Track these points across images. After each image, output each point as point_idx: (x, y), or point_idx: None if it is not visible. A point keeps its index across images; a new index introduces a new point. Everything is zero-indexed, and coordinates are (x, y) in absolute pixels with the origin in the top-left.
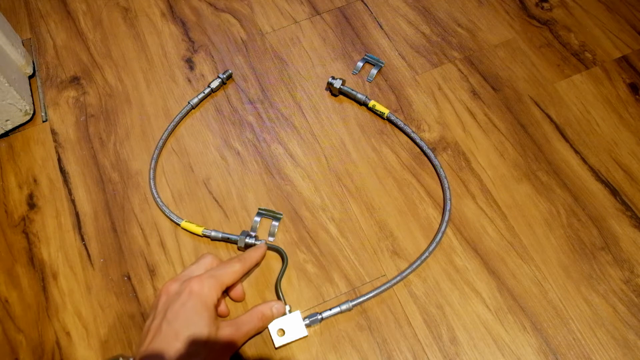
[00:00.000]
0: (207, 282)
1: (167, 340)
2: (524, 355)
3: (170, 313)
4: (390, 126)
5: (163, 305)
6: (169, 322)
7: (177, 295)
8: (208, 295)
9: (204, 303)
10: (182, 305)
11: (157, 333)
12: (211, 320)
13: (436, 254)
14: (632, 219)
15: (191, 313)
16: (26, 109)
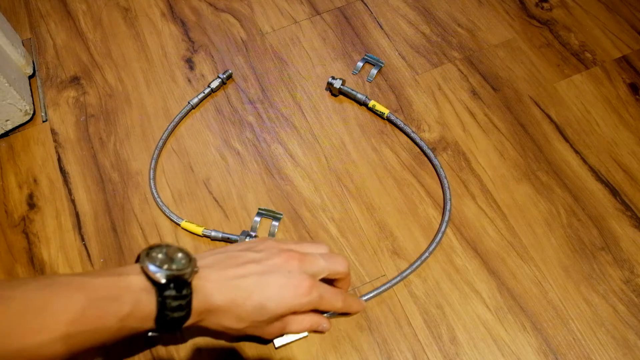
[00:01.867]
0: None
1: (242, 289)
2: (524, 355)
3: (269, 279)
4: (390, 126)
5: (273, 266)
6: (258, 282)
7: (289, 274)
8: (304, 305)
9: (291, 307)
10: (281, 286)
11: (242, 276)
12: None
13: (436, 254)
14: (632, 219)
15: (274, 300)
16: (26, 109)
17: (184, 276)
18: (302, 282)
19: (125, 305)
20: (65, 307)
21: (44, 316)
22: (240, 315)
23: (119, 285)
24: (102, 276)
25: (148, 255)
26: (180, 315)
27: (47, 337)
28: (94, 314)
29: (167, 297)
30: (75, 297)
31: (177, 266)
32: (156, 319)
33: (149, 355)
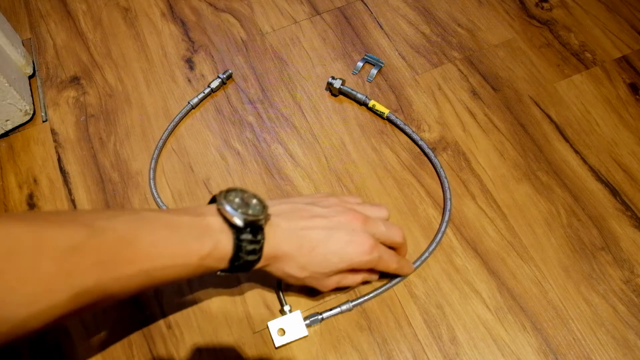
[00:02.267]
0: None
1: (308, 240)
2: (524, 355)
3: (334, 235)
4: (390, 126)
5: (339, 223)
6: (324, 235)
7: (352, 233)
8: (359, 263)
9: (353, 263)
10: (346, 243)
11: (309, 228)
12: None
13: (436, 254)
14: (632, 219)
15: (338, 255)
16: (26, 109)
17: (259, 222)
18: (366, 241)
19: (207, 244)
20: (152, 242)
21: (135, 249)
22: (304, 265)
23: (200, 225)
24: (184, 215)
25: (226, 198)
26: (253, 258)
27: (136, 268)
28: (179, 251)
29: (243, 240)
30: (162, 233)
31: (253, 211)
32: (231, 260)
33: (149, 355)
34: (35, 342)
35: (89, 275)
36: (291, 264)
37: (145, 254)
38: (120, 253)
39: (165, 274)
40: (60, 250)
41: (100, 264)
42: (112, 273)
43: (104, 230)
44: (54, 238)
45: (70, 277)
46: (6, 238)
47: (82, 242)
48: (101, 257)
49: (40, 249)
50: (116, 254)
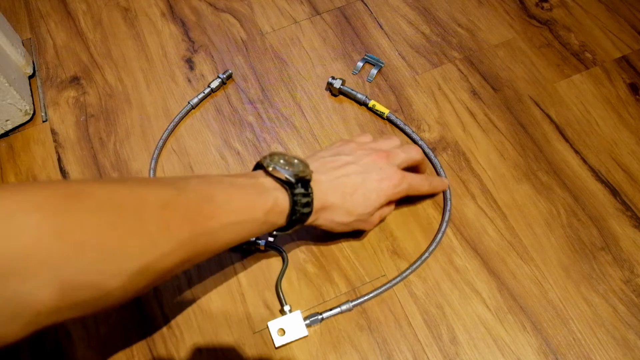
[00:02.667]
0: (404, 187)
1: (346, 186)
2: (524, 355)
3: (366, 176)
4: (390, 126)
5: (366, 164)
6: (358, 179)
7: (381, 170)
8: (395, 194)
9: (389, 196)
10: (379, 180)
11: (344, 176)
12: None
13: (436, 254)
14: (632, 219)
15: (375, 192)
16: (26, 109)
17: (307, 177)
18: (395, 175)
19: (268, 200)
20: (225, 200)
21: (213, 205)
22: (349, 209)
23: (257, 185)
24: (242, 177)
25: (273, 161)
26: (307, 210)
27: (217, 223)
28: (247, 206)
29: (297, 194)
30: (230, 192)
31: (299, 169)
32: (289, 214)
33: (149, 355)
34: (35, 342)
35: (183, 228)
36: (338, 211)
37: (222, 209)
38: (203, 209)
39: (240, 229)
40: (157, 207)
41: (190, 218)
42: (200, 227)
43: (185, 190)
44: (150, 196)
45: (168, 230)
46: (114, 196)
47: (172, 200)
48: (189, 212)
49: (142, 206)
50: (200, 210)
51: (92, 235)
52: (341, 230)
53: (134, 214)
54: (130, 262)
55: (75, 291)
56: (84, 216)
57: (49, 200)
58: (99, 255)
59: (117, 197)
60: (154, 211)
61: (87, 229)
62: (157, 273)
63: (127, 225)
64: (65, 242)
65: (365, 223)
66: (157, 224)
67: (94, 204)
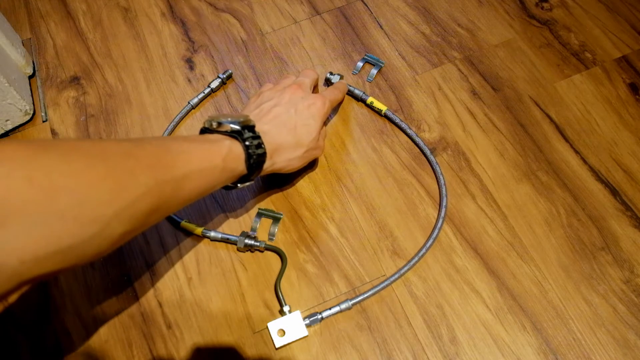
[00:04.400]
0: (328, 104)
1: (285, 125)
2: (524, 355)
3: (295, 109)
4: (390, 126)
5: (289, 100)
6: (291, 114)
7: (303, 100)
8: (326, 113)
9: (322, 116)
10: (307, 107)
11: (277, 117)
12: (320, 128)
13: (436, 254)
14: (632, 219)
15: (311, 118)
16: (26, 109)
17: (250, 123)
18: (317, 98)
19: (223, 147)
20: (182, 150)
21: (172, 155)
22: (298, 142)
23: (208, 139)
24: (191, 136)
25: (213, 119)
26: (261, 152)
27: (179, 172)
28: (204, 155)
29: (247, 137)
30: (186, 144)
31: (239, 119)
32: (246, 159)
33: (149, 356)
34: (35, 342)
35: (147, 175)
36: (290, 148)
37: (180, 159)
38: (162, 158)
39: (202, 177)
40: (120, 155)
41: (152, 166)
42: (163, 174)
43: (142, 143)
44: (113, 147)
45: (134, 175)
46: (80, 146)
47: (132, 150)
48: (150, 161)
49: (107, 154)
50: (159, 160)
51: (63, 180)
52: (299, 166)
53: (101, 161)
54: (103, 207)
55: (54, 238)
56: (53, 163)
57: (19, 152)
58: (72, 200)
59: (83, 147)
60: (118, 159)
61: (57, 174)
62: (131, 219)
63: (95, 171)
64: (36, 188)
65: (315, 150)
66: (122, 170)
67: (63, 152)
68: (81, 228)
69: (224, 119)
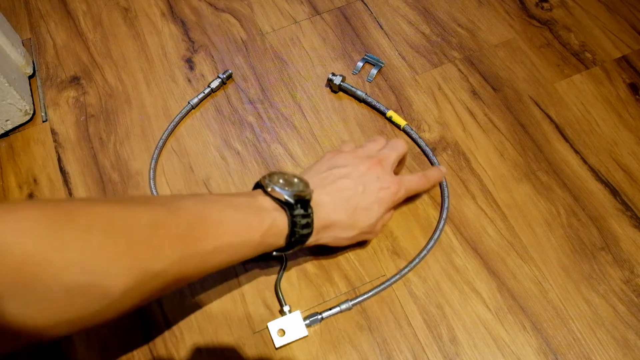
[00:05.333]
0: (402, 192)
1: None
2: (524, 355)
3: (364, 188)
4: (390, 126)
5: (362, 175)
6: (357, 192)
7: (377, 180)
8: (396, 201)
9: (390, 204)
10: (377, 190)
11: (341, 190)
12: (382, 215)
13: (436, 254)
14: (632, 219)
15: (376, 203)
16: (26, 109)
17: (306, 197)
18: (393, 183)
19: (266, 221)
20: (220, 220)
21: (206, 226)
22: (353, 223)
23: (255, 205)
24: (240, 197)
25: (271, 180)
26: (307, 231)
27: (209, 245)
28: (243, 228)
29: (297, 215)
30: (226, 212)
31: (299, 188)
32: (288, 235)
33: (149, 355)
34: None
35: (173, 249)
36: (342, 227)
37: (215, 231)
38: (195, 229)
39: (234, 251)
40: (147, 226)
41: (180, 239)
42: (191, 248)
43: (178, 209)
44: (142, 215)
45: (159, 250)
46: (104, 217)
47: (163, 219)
48: (180, 232)
49: (132, 226)
50: (192, 230)
51: (78, 257)
52: (346, 244)
53: (124, 234)
54: (116, 284)
55: (59, 311)
56: (72, 238)
57: (41, 223)
58: (83, 277)
59: (107, 218)
60: (144, 231)
61: (73, 251)
62: (143, 294)
63: (115, 247)
64: (49, 263)
65: (369, 234)
66: (146, 245)
67: (84, 224)
68: (88, 303)
69: (279, 187)
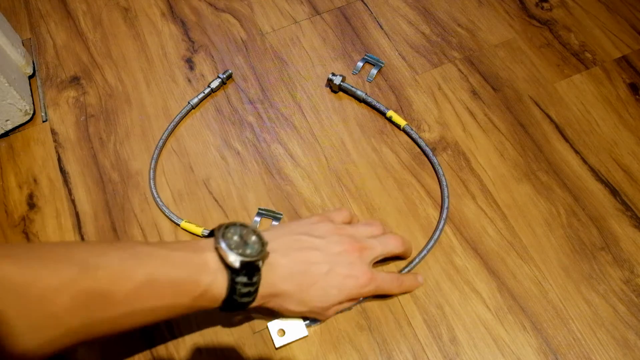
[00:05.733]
0: (370, 288)
1: (306, 276)
2: (524, 355)
3: (331, 269)
4: (390, 126)
5: (336, 254)
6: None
7: (350, 266)
8: (360, 295)
9: (352, 295)
10: (345, 277)
11: (306, 262)
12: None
13: (436, 254)
14: (632, 219)
15: (336, 289)
16: (26, 109)
17: (257, 262)
18: (363, 275)
19: (201, 285)
20: (143, 283)
21: (125, 289)
22: (304, 300)
23: (196, 262)
24: (180, 250)
25: (224, 236)
26: (246, 300)
27: (126, 309)
28: (171, 292)
29: (238, 283)
30: (158, 272)
31: (251, 251)
32: (224, 301)
33: (149, 356)
34: None
35: (74, 316)
36: (291, 300)
37: (135, 294)
38: (110, 293)
39: (156, 314)
40: (50, 290)
41: (86, 305)
42: (99, 314)
43: (96, 268)
44: (44, 278)
45: (54, 319)
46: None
47: (68, 283)
48: (90, 298)
49: (29, 290)
50: (105, 294)
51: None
52: (292, 316)
53: (18, 300)
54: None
55: None
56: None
57: None
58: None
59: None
60: (44, 297)
61: None
62: (43, 356)
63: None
64: None
65: (319, 315)
66: (43, 312)
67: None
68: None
69: (227, 246)
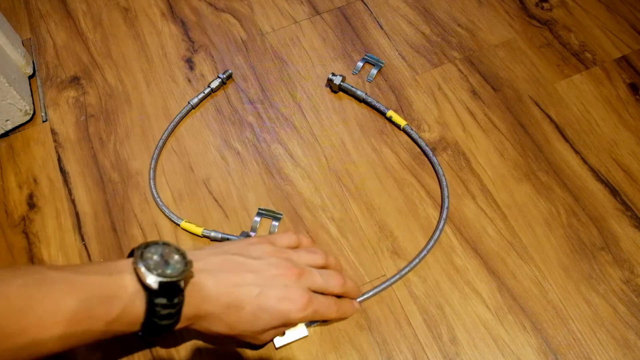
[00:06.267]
0: (307, 313)
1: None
2: (524, 355)
3: (262, 291)
4: (390, 126)
5: (270, 278)
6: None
7: (285, 289)
8: (293, 320)
9: (285, 321)
10: (278, 300)
11: (236, 285)
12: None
13: (436, 254)
14: (632, 219)
15: (268, 313)
16: (26, 109)
17: (178, 283)
18: (299, 298)
19: (115, 309)
20: (48, 311)
21: (28, 318)
22: (232, 324)
23: (111, 285)
24: (94, 274)
25: (142, 256)
26: (168, 322)
27: (28, 339)
28: (79, 318)
29: (157, 304)
30: (64, 300)
31: (172, 272)
32: (143, 324)
33: (149, 355)
34: None
35: None
36: (218, 323)
37: (39, 323)
38: (10, 324)
39: (64, 342)
40: None
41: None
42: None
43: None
44: None
45: None
46: None
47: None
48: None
49: None
50: (5, 325)
51: None
52: (224, 340)
53: None
54: None
55: None
56: None
57: None
58: None
59: None
60: None
61: None
62: None
63: None
64: None
65: (252, 340)
66: None
67: None
68: None
69: (145, 266)
